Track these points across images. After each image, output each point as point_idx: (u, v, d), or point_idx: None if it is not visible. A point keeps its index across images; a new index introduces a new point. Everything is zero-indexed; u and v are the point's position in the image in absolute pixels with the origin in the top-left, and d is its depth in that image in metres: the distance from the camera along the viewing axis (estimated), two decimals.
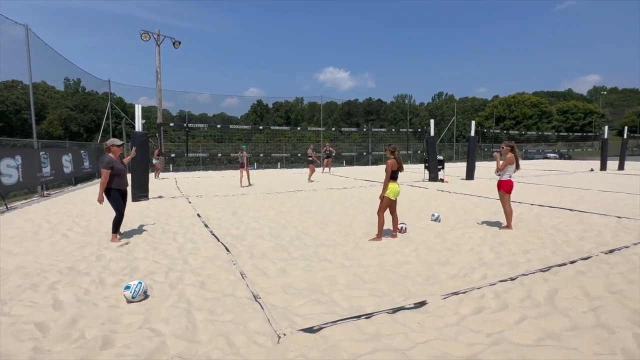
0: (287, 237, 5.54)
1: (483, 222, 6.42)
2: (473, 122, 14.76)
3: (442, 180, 13.56)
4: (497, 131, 29.92)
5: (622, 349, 2.39)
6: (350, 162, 30.28)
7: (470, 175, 14.29)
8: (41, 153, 10.83)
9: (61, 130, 36.51)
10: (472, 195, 9.84)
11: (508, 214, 5.90)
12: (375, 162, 30.32)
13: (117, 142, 5.33)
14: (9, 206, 8.29)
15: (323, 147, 19.28)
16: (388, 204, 5.25)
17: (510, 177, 5.90)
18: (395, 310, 3.00)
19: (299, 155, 16.07)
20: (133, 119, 25.90)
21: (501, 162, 5.99)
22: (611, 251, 4.59)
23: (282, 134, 36.90)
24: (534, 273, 3.84)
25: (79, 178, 14.55)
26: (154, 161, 16.68)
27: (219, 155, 21.34)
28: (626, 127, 23.52)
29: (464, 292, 3.36)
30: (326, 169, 19.72)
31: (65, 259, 4.42)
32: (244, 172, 12.91)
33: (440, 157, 14.24)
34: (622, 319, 2.80)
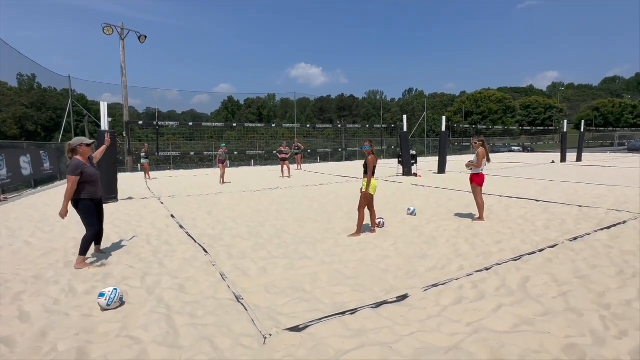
0: (266, 235, 5.48)
1: (456, 215, 6.63)
2: (444, 118, 15.19)
3: (415, 175, 13.88)
4: (466, 126, 30.98)
5: (591, 331, 2.55)
6: (325, 159, 30.37)
7: (442, 169, 14.72)
8: None
9: (16, 130, 34.18)
10: (445, 189, 10.14)
11: (480, 206, 6.13)
12: (349, 157, 30.58)
13: (86, 140, 4.32)
14: None
15: (293, 144, 19.18)
16: (369, 199, 5.31)
17: (482, 170, 6.12)
18: (379, 305, 3.04)
19: (274, 152, 15.94)
20: (96, 116, 24.55)
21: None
22: (575, 239, 4.88)
23: (254, 130, 36.41)
24: (506, 262, 4.01)
25: (39, 180, 13.69)
26: (142, 161, 15.83)
27: (192, 153, 20.75)
28: (583, 121, 25.05)
29: (443, 284, 3.46)
30: (293, 166, 19.53)
31: (29, 268, 4.15)
32: (224, 169, 12.96)
33: (413, 152, 14.56)
34: (589, 302, 2.99)
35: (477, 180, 6.10)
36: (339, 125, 31.64)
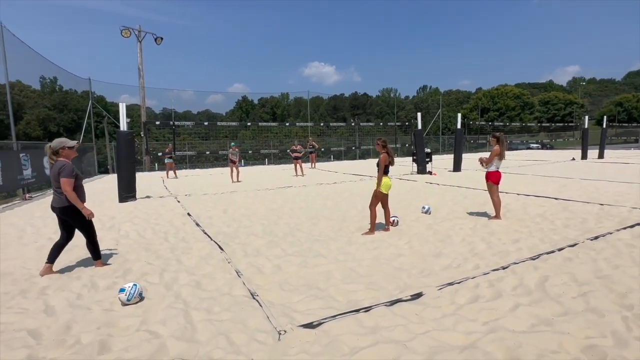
0: (280, 233, 5.53)
1: (472, 213, 6.54)
2: (459, 115, 14.95)
3: (430, 173, 13.73)
4: (483, 123, 30.41)
5: (612, 332, 2.48)
6: (338, 157, 30.34)
7: (457, 167, 14.51)
8: (21, 155, 10.49)
9: (40, 131, 35.42)
10: (460, 187, 10.00)
11: (496, 204, 6.02)
12: (363, 156, 30.44)
13: (69, 142, 3.92)
14: None
15: (307, 143, 19.21)
16: (381, 198, 5.30)
17: (497, 168, 6.02)
18: (393, 303, 3.04)
19: (288, 151, 16.05)
20: (115, 117, 25.22)
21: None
22: (596, 237, 4.74)
23: (268, 130, 36.67)
24: (524, 261, 3.94)
25: None
26: (166, 160, 16.06)
27: (207, 152, 21.07)
28: (605, 117, 24.24)
29: (458, 282, 3.42)
30: (307, 165, 19.48)
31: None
32: (234, 168, 13.20)
33: (427, 150, 14.40)
34: (610, 303, 2.91)
35: (492, 178, 5.99)
36: (352, 124, 31.51)
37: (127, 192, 9.09)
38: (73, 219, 3.92)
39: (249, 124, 24.23)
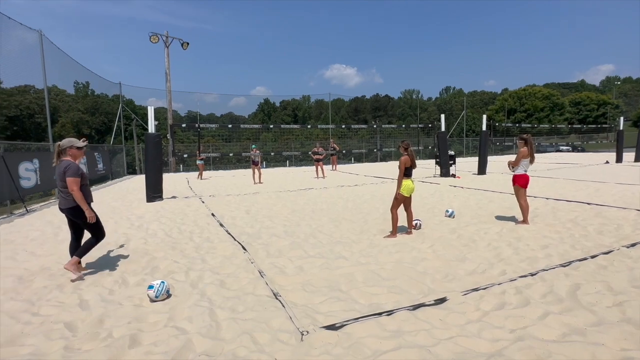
0: (302, 234, 5.57)
1: (498, 218, 6.36)
2: (484, 116, 14.57)
3: (453, 176, 13.45)
4: (509, 125, 29.44)
5: None
6: (359, 159, 30.21)
7: (482, 170, 14.14)
8: None
9: (74, 133, 37.14)
10: (486, 190, 9.74)
11: (524, 208, 5.83)
12: (384, 158, 30.18)
13: (78, 143, 3.88)
14: (28, 209, 8.49)
15: (329, 145, 19.19)
16: (402, 200, 5.25)
17: (525, 171, 5.83)
18: (416, 307, 3.00)
19: (309, 153, 16.18)
20: (143, 120, 26.01)
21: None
22: (633, 245, 4.51)
23: (290, 132, 37.00)
24: (554, 268, 3.80)
25: (93, 180, 14.81)
26: (198, 162, 16.64)
27: (231, 154, 21.52)
28: None
29: (484, 288, 3.34)
30: (328, 167, 19.33)
31: (86, 260, 4.51)
32: (257, 170, 13.43)
33: (451, 152, 14.11)
34: None
35: (519, 181, 5.81)
36: (374, 126, 31.35)
37: (154, 192, 9.40)
38: (82, 219, 3.83)
39: (271, 126, 24.48)
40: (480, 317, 2.81)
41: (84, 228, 3.95)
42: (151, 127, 9.58)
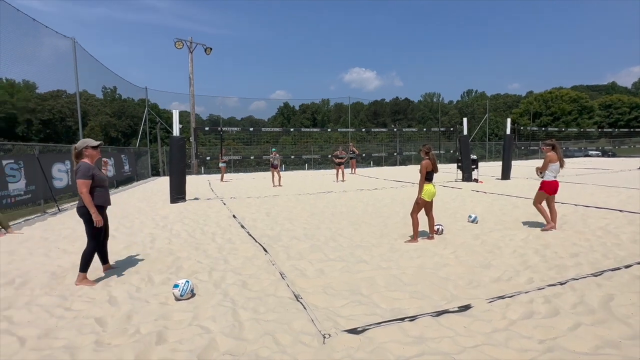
0: (322, 238, 5.58)
1: (524, 224, 6.18)
2: (508, 120, 14.20)
3: (476, 181, 13.16)
4: (535, 128, 28.55)
5: None
6: (378, 163, 30.01)
7: (506, 174, 13.77)
8: None
9: (101, 136, 38.64)
10: (510, 196, 9.48)
11: (543, 213, 5.76)
12: (404, 162, 29.85)
13: (92, 142, 3.84)
14: (60, 208, 8.87)
15: (348, 149, 19.14)
16: (423, 205, 5.18)
17: (555, 177, 5.68)
18: (439, 314, 2.95)
19: (329, 156, 16.24)
20: (167, 123, 26.69)
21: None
22: None
23: (309, 135, 37.19)
24: (585, 277, 3.65)
25: (120, 181, 15.34)
26: (220, 165, 16.90)
27: (252, 157, 21.86)
28: None
29: (510, 296, 3.25)
30: (347, 170, 19.09)
31: (114, 258, 4.67)
32: (276, 173, 13.58)
33: (473, 157, 13.82)
34: None
35: (545, 187, 5.70)
36: (394, 129, 31.07)
37: (178, 193, 9.65)
38: (84, 220, 3.78)
39: (292, 129, 24.72)
40: (507, 326, 2.73)
41: (85, 230, 3.84)
42: (176, 130, 9.85)
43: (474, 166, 13.53)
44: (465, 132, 13.73)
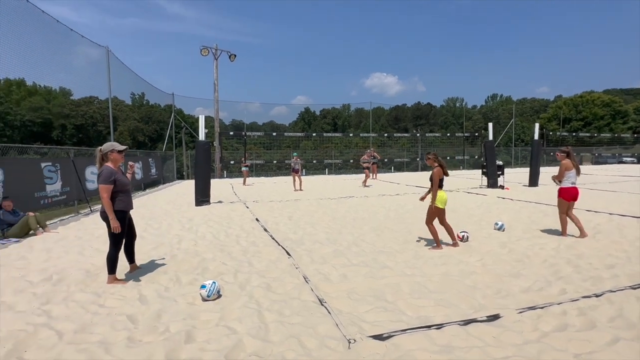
0: (345, 242, 5.57)
1: (555, 233, 5.95)
2: (536, 125, 13.76)
3: (502, 187, 12.78)
4: (565, 134, 27.48)
5: None
6: (399, 168, 29.68)
7: (533, 181, 13.32)
8: None
9: (130, 141, 40.13)
10: (539, 204, 9.15)
11: (563, 222, 5.78)
12: (425, 168, 29.41)
13: (118, 146, 3.88)
14: (92, 209, 9.26)
15: (369, 153, 19.10)
16: (437, 213, 5.08)
17: (573, 183, 5.54)
18: (467, 323, 2.88)
19: (351, 161, 16.36)
20: (192, 128, 27.35)
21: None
22: None
23: (329, 140, 37.25)
24: (622, 290, 3.48)
25: (147, 184, 15.86)
26: (242, 169, 17.20)
27: (275, 161, 22.13)
28: None
29: (541, 307, 3.13)
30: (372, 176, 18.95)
31: (143, 258, 4.83)
32: (297, 177, 13.80)
33: (499, 162, 13.45)
34: None
35: (564, 194, 5.70)
36: (417, 134, 30.65)
37: (202, 196, 9.88)
38: (107, 223, 3.81)
39: (314, 134, 24.90)
40: (539, 338, 2.64)
41: (108, 234, 3.86)
42: (202, 134, 10.11)
43: (500, 172, 13.16)
44: (490, 137, 13.40)
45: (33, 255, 5.11)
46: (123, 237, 3.93)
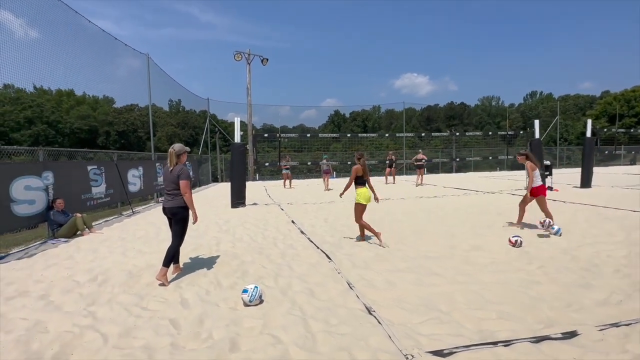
0: (385, 246, 5.29)
1: (620, 238, 5.35)
2: (589, 121, 12.75)
3: (550, 189, 11.90)
4: (622, 130, 25.40)
5: None
6: (432, 170, 28.73)
7: (586, 182, 12.33)
8: (157, 164, 12.37)
9: (167, 145, 41.81)
10: (596, 206, 8.39)
11: (548, 215, 5.94)
12: (460, 169, 28.29)
13: (187, 148, 4.25)
14: (134, 210, 9.56)
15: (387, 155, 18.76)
16: (362, 210, 5.40)
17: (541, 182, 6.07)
18: (539, 340, 2.55)
19: (386, 162, 16.20)
20: (227, 132, 27.96)
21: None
22: None
23: (359, 142, 36.83)
24: None
25: None
26: (284, 171, 16.38)
27: (309, 163, 22.20)
28: None
29: (626, 325, 2.73)
30: (390, 179, 17.60)
31: (183, 260, 4.81)
32: (327, 179, 14.25)
33: (547, 162, 12.55)
34: None
35: (541, 191, 6.13)
36: (456, 134, 29.44)
37: (238, 198, 9.92)
38: (176, 219, 4.06)
39: (348, 135, 24.78)
40: None
41: (174, 228, 4.10)
42: (237, 137, 10.18)
43: (548, 173, 12.28)
44: (537, 136, 12.55)
45: (80, 255, 5.25)
46: (185, 234, 4.19)
